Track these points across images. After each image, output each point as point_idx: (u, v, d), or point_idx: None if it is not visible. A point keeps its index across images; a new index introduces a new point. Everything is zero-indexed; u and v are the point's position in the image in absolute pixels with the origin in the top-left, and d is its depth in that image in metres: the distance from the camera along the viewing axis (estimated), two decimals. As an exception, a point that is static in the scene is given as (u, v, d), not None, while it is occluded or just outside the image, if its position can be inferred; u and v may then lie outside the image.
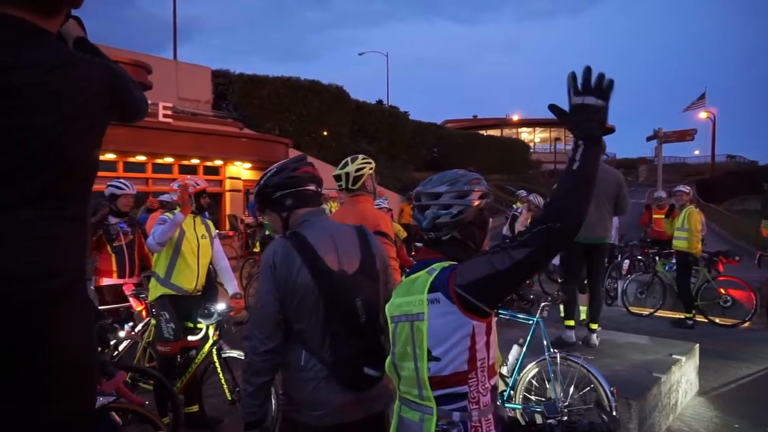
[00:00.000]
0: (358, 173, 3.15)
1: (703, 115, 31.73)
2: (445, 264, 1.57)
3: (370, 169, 3.19)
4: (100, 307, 4.16)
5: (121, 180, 5.12)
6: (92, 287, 4.92)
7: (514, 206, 9.97)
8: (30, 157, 1.29)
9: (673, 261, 7.74)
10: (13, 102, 1.28)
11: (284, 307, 1.83)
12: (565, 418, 3.06)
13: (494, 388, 1.58)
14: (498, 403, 1.63)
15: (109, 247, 4.87)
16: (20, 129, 1.28)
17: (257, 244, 10.83)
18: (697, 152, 55.89)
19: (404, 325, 1.60)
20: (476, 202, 1.62)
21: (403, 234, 8.44)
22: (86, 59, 1.44)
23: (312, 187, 2.01)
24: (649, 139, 19.75)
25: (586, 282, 5.09)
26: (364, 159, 3.21)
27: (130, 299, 4.77)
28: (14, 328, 1.28)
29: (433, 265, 1.58)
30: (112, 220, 4.93)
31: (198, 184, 4.04)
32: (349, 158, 3.22)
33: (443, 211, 1.60)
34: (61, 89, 1.34)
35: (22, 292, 1.28)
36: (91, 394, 1.55)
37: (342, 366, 1.80)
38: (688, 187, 8.37)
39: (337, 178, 3.22)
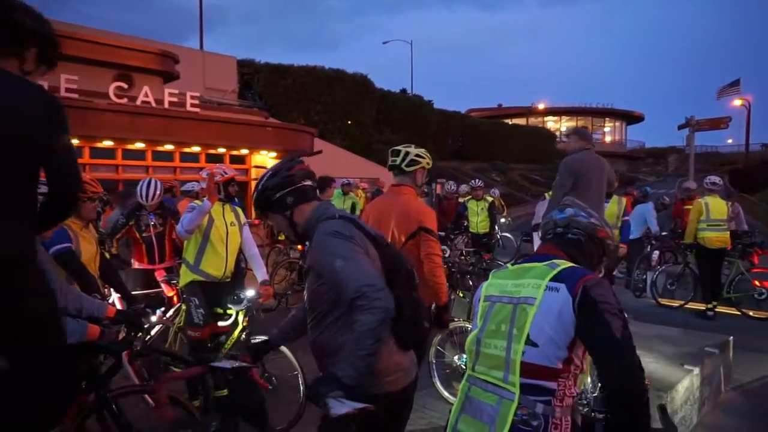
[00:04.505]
0: (417, 158, 3.19)
1: (737, 102, 30.66)
2: (570, 264, 1.65)
3: (428, 163, 3.25)
4: (133, 292, 4.26)
5: (153, 179, 5.17)
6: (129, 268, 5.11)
7: (547, 195, 9.74)
8: None
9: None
10: None
11: None
12: (585, 410, 3.04)
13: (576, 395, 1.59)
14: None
15: (139, 237, 5.04)
16: None
17: (282, 232, 10.77)
18: (730, 141, 53.99)
19: (504, 306, 1.66)
20: (600, 233, 1.83)
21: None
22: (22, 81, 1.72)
23: (309, 183, 2.07)
24: (680, 127, 19.21)
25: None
26: (427, 154, 3.29)
27: (162, 285, 4.88)
28: None
29: (555, 260, 1.67)
30: (144, 212, 5.05)
31: (226, 173, 4.08)
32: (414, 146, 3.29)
33: (583, 213, 1.85)
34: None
35: None
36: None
37: (406, 326, 1.85)
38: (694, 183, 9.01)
39: (395, 153, 3.24)
